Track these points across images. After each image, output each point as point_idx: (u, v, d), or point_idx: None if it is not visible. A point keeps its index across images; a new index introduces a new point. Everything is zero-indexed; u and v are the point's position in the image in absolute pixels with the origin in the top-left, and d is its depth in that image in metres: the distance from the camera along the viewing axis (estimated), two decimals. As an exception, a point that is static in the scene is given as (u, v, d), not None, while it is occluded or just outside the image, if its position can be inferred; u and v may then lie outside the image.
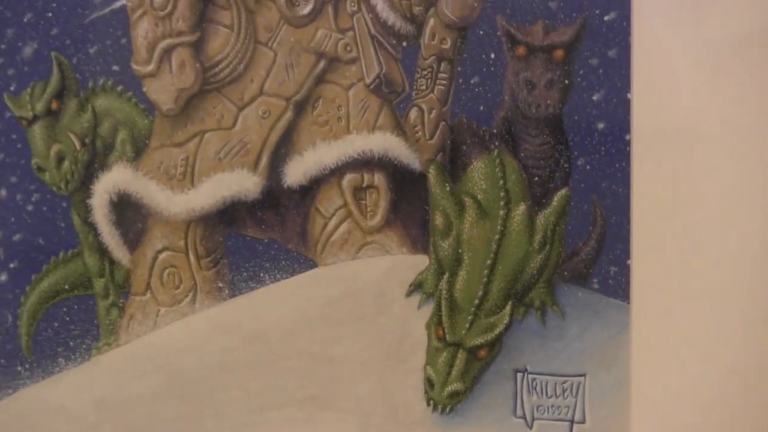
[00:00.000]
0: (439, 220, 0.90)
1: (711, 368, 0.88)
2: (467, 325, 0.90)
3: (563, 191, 0.89)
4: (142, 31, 0.94)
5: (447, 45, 0.91)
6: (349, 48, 0.93)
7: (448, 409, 0.90)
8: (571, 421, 0.89)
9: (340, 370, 0.94)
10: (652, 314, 0.88)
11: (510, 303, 0.89)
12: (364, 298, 0.94)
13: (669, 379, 0.88)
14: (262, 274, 0.96)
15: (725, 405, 0.89)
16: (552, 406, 0.89)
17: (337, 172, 0.94)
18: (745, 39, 0.86)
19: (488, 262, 0.89)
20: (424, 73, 0.91)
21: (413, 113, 0.92)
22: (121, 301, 0.99)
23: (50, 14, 0.97)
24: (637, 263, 0.88)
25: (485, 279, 0.89)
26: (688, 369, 0.88)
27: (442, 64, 0.91)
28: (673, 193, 0.87)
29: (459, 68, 0.91)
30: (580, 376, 0.89)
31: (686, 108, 0.86)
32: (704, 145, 0.86)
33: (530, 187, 0.90)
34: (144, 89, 0.96)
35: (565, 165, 0.89)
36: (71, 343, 1.00)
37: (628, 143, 0.86)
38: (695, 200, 0.87)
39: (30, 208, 0.99)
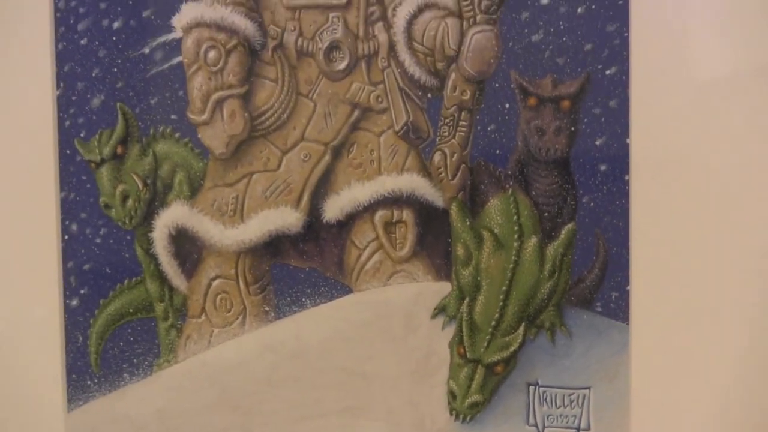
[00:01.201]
0: (460, 251, 0.95)
1: (703, 381, 0.91)
2: (485, 344, 0.94)
3: (570, 225, 0.93)
4: (197, 84, 1.00)
5: (467, 96, 0.95)
6: (380, 99, 0.97)
7: (468, 418, 0.95)
8: (578, 429, 0.94)
9: (373, 384, 0.98)
10: (649, 334, 0.92)
11: (523, 324, 0.94)
12: (394, 320, 0.98)
13: (665, 392, 0.91)
14: (303, 299, 1.01)
15: (718, 413, 0.92)
16: (560, 415, 0.94)
17: (370, 208, 0.98)
18: (732, 82, 0.89)
19: (504, 288, 0.93)
20: (447, 121, 0.96)
21: (437, 156, 0.96)
22: (179, 323, 1.04)
23: (115, 69, 1.02)
24: (635, 289, 0.91)
25: (501, 303, 0.94)
26: (682, 382, 0.91)
27: (463, 114, 0.95)
28: (668, 227, 0.91)
29: (477, 117, 0.95)
30: (586, 388, 0.93)
31: (680, 152, 0.90)
32: (696, 185, 0.90)
33: (541, 221, 0.94)
34: (199, 136, 1.01)
35: (572, 202, 0.93)
36: (135, 360, 1.05)
37: (627, 183, 0.90)
38: (688, 233, 0.90)
39: (98, 240, 1.05)
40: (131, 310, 1.06)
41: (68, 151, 1.05)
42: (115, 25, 1.02)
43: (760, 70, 0.89)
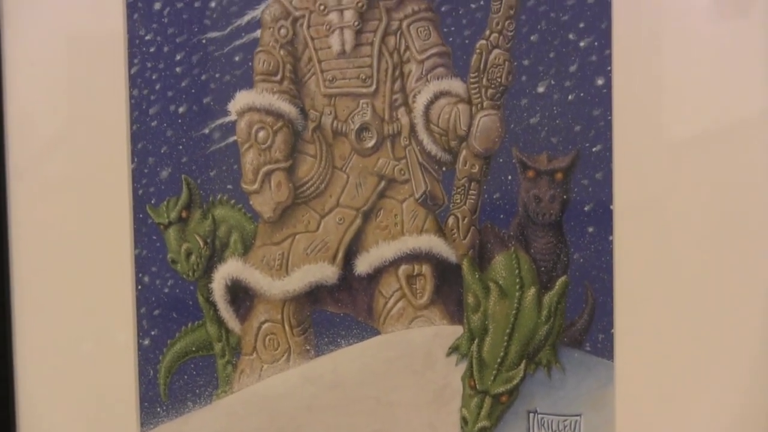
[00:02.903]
0: (470, 300, 0.98)
1: (680, 410, 0.93)
2: (492, 378, 0.97)
3: (563, 278, 0.95)
4: (249, 159, 1.04)
5: (475, 170, 0.97)
6: (402, 172, 1.00)
7: None
8: None
9: (398, 410, 1.01)
10: (632, 370, 0.93)
11: (524, 361, 0.96)
12: (415, 357, 1.00)
13: (646, 419, 0.94)
14: (339, 340, 1.03)
15: None
16: None
17: (395, 263, 1.01)
18: (703, 145, 0.90)
19: (507, 330, 0.96)
20: (459, 190, 0.98)
21: (451, 220, 0.98)
22: (234, 359, 1.07)
23: (181, 147, 1.06)
24: (619, 332, 0.93)
25: (505, 343, 0.97)
26: (661, 411, 0.93)
27: (472, 184, 0.97)
28: (646, 279, 0.92)
29: (484, 187, 0.97)
30: (577, 416, 0.95)
31: (656, 216, 0.92)
32: (671, 244, 0.92)
33: (538, 275, 0.96)
34: (250, 202, 1.04)
35: (564, 258, 0.95)
36: (197, 391, 1.08)
37: (611, 242, 0.93)
38: (664, 284, 0.92)
39: (166, 290, 1.09)
40: (194, 349, 1.08)
41: (141, 215, 1.09)
42: (180, 109, 1.06)
43: (728, 132, 0.90)
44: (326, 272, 1.03)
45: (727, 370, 0.92)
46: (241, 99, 1.04)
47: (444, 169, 0.99)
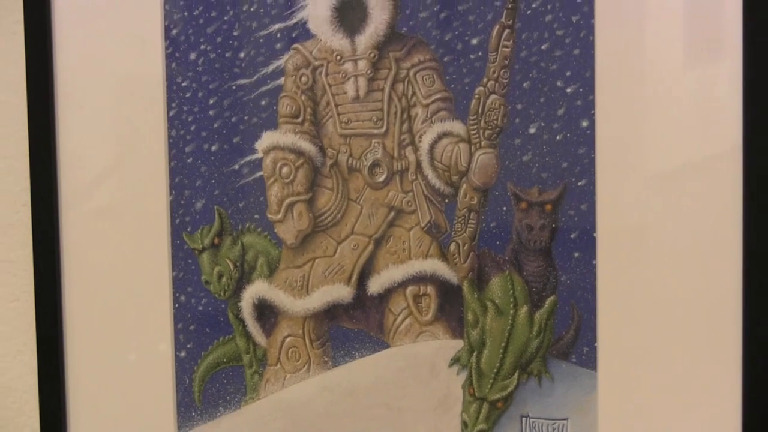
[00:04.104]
0: (470, 317, 0.98)
1: (655, 414, 0.93)
2: (489, 386, 0.98)
3: (552, 298, 0.95)
4: (274, 192, 1.04)
5: (474, 201, 0.97)
6: (410, 203, 1.00)
7: None
8: None
9: (406, 416, 1.02)
10: (613, 380, 0.94)
11: (517, 371, 0.97)
12: (421, 368, 1.00)
13: (626, 423, 0.94)
14: (353, 352, 1.03)
15: None
16: None
17: (403, 284, 1.01)
18: (674, 174, 0.90)
19: (503, 344, 0.97)
20: (460, 219, 0.98)
21: (452, 246, 0.98)
22: (260, 369, 1.07)
23: (213, 181, 1.08)
24: (601, 346, 0.94)
25: (501, 356, 0.97)
26: (640, 415, 0.94)
27: (471, 214, 0.97)
28: (626, 299, 0.93)
29: (482, 217, 0.97)
30: (564, 419, 0.96)
31: (635, 242, 0.92)
32: (648, 266, 0.92)
33: (530, 295, 0.96)
34: (275, 230, 1.05)
35: (553, 280, 0.95)
36: (227, 397, 1.09)
37: (594, 266, 0.93)
38: (643, 303, 0.93)
39: (200, 308, 1.09)
40: (225, 360, 1.08)
41: (178, 241, 1.09)
42: (213, 148, 1.07)
43: (699, 168, 0.89)
44: (342, 292, 1.03)
45: (698, 380, 0.92)
46: (267, 139, 1.04)
47: (446, 201, 0.99)
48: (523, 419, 0.98)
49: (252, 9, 1.05)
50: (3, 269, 1.20)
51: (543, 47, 0.94)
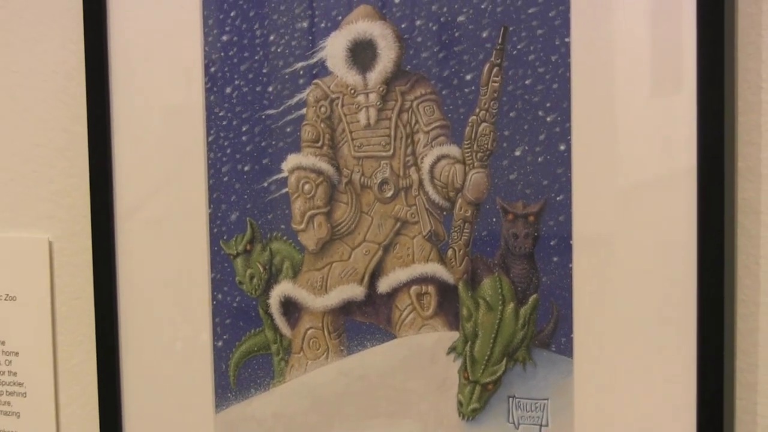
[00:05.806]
0: (465, 312, 1.04)
1: (624, 398, 0.97)
2: (481, 371, 1.03)
3: (534, 296, 1.01)
4: (298, 206, 1.10)
5: (468, 214, 1.02)
6: (413, 216, 1.05)
7: (470, 419, 1.05)
8: (540, 425, 1.02)
9: (410, 396, 1.07)
10: (587, 365, 0.99)
11: (505, 358, 1.02)
12: (423, 355, 1.06)
13: (599, 402, 0.99)
14: (365, 342, 1.09)
15: (642, 415, 0.96)
16: (529, 416, 1.03)
17: (407, 284, 1.07)
18: (639, 190, 0.94)
19: (492, 335, 1.02)
20: (456, 229, 1.03)
21: (450, 252, 1.04)
22: (286, 357, 1.13)
23: (246, 197, 1.13)
24: (577, 336, 0.99)
25: (491, 345, 1.02)
26: (612, 395, 0.98)
27: (466, 225, 1.02)
28: (599, 296, 0.97)
29: (475, 227, 1.02)
30: (545, 399, 1.01)
31: (605, 249, 0.97)
32: (619, 267, 0.96)
33: (516, 293, 1.01)
34: (299, 238, 1.11)
35: (535, 281, 1.00)
36: (258, 381, 1.15)
37: (571, 269, 0.98)
38: (614, 300, 0.97)
39: (235, 305, 1.15)
40: (255, 349, 1.14)
41: (216, 248, 1.15)
42: (246, 168, 1.12)
43: (660, 185, 0.93)
44: (356, 291, 1.09)
45: (657, 365, 0.96)
46: (291, 160, 1.10)
47: (444, 213, 1.04)
48: (510, 399, 1.03)
49: (279, 50, 1.10)
50: (68, 272, 1.26)
51: (527, 82, 0.99)
